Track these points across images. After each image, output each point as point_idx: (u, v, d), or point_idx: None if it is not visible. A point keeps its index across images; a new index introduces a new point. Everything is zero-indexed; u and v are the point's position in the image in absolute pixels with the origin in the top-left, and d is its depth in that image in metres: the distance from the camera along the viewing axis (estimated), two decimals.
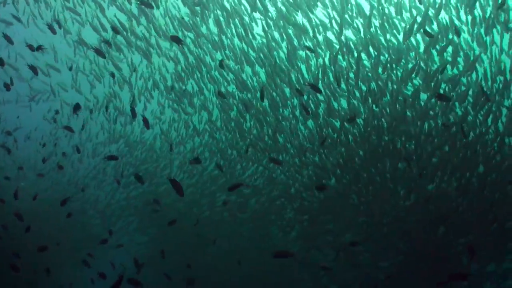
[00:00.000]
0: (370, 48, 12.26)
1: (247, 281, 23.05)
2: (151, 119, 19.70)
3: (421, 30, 11.10)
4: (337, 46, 12.39)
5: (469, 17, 11.36)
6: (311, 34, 12.24)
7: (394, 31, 11.97)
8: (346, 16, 11.97)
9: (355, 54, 12.38)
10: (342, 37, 12.45)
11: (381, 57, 12.87)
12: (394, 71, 12.33)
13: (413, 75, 12.23)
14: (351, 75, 12.78)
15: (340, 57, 12.58)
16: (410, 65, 12.21)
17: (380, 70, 12.45)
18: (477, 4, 11.00)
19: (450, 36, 11.71)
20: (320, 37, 12.73)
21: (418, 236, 16.38)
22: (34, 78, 19.47)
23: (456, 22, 11.71)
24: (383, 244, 17.43)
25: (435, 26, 16.25)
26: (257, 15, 14.06)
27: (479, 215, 14.75)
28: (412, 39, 12.06)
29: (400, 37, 11.96)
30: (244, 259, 22.07)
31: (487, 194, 14.15)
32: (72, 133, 14.14)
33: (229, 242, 21.58)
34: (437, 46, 11.78)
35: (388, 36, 11.96)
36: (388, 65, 12.25)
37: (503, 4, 10.33)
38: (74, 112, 10.21)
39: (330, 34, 12.66)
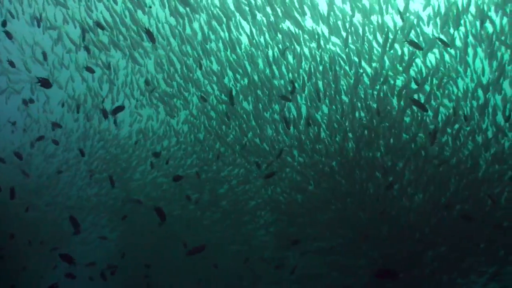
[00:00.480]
0: (355, 58, 12.20)
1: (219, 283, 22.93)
2: (128, 116, 19.34)
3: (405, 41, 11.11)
4: (325, 55, 12.32)
5: (452, 31, 11.37)
6: (297, 43, 12.12)
7: (379, 39, 11.92)
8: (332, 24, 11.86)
9: (339, 64, 12.33)
10: (330, 46, 12.39)
11: (364, 65, 12.85)
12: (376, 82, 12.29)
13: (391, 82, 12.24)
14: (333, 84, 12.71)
15: (321, 67, 12.51)
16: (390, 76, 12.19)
17: (366, 80, 12.43)
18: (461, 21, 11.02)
19: (437, 49, 11.73)
20: (305, 49, 12.67)
21: (391, 245, 16.49)
22: (17, 71, 18.90)
23: (441, 36, 11.72)
24: (357, 252, 17.49)
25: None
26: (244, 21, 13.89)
27: (449, 229, 14.89)
28: (398, 49, 12.04)
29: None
30: (216, 260, 21.93)
31: (459, 208, 14.29)
32: (56, 127, 13.68)
33: (202, 242, 21.37)
34: (420, 57, 11.80)
35: (374, 44, 11.91)
36: (371, 75, 12.24)
37: (482, 23, 10.40)
38: (41, 85, 9.77)
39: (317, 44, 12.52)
